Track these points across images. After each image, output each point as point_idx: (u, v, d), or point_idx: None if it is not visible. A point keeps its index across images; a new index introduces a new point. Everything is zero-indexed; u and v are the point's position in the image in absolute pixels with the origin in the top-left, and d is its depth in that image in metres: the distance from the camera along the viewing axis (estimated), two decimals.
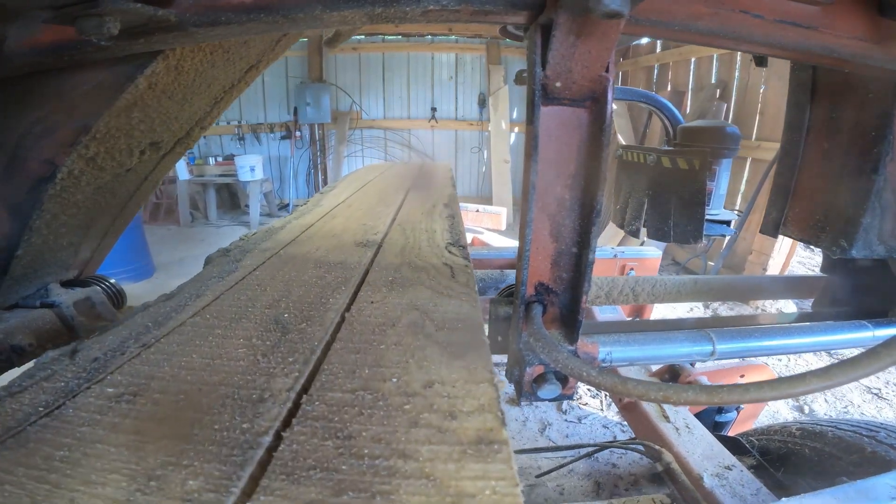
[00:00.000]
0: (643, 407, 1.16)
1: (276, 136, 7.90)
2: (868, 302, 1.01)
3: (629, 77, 6.53)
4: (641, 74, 6.29)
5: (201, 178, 6.99)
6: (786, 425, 1.24)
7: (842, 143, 0.90)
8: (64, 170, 0.73)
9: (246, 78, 0.95)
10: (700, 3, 0.58)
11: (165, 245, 5.75)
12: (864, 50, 0.65)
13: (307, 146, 7.93)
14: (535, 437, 2.36)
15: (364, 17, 0.56)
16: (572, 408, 2.57)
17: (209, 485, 0.33)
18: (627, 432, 2.32)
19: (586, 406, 2.62)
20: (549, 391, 0.71)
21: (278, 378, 0.46)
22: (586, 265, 0.63)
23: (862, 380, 2.85)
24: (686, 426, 1.08)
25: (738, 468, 0.94)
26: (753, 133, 4.44)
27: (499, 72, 7.44)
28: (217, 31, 0.57)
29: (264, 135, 7.89)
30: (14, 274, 0.79)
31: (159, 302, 0.68)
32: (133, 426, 0.40)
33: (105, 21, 0.49)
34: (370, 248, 0.92)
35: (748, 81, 4.48)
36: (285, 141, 7.86)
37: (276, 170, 8.04)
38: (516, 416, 2.49)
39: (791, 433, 1.18)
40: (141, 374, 0.48)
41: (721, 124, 1.75)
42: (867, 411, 2.63)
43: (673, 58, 5.53)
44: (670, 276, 1.21)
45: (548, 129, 0.59)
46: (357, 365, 0.49)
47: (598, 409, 2.58)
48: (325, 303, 0.65)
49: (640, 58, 6.21)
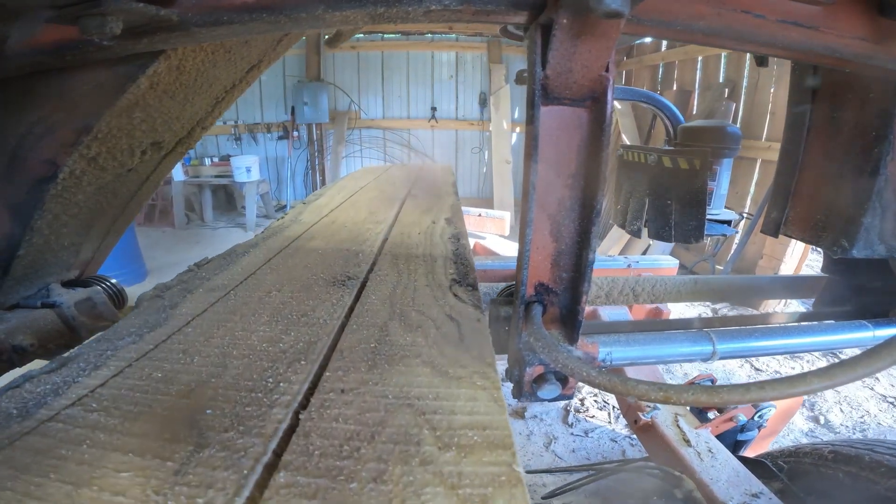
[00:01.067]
0: (661, 430, 1.11)
1: (273, 136, 7.79)
2: (869, 302, 1.01)
3: (633, 76, 6.40)
4: (646, 73, 6.18)
5: (197, 179, 6.90)
6: (816, 447, 1.15)
7: (842, 142, 0.90)
8: (65, 170, 0.73)
9: (247, 78, 0.95)
10: (702, 3, 0.58)
11: (159, 248, 5.68)
12: (865, 50, 0.65)
13: (305, 146, 7.81)
14: (540, 452, 2.27)
15: (366, 16, 0.56)
16: (578, 420, 2.48)
17: None
18: (637, 446, 2.26)
19: (593, 419, 2.51)
20: (549, 391, 0.71)
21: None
22: (586, 265, 0.63)
23: (879, 390, 2.81)
24: (709, 450, 1.01)
25: (767, 495, 0.89)
26: (763, 133, 4.35)
27: (500, 70, 7.33)
28: (219, 30, 0.57)
29: (261, 135, 7.77)
30: (15, 274, 0.80)
31: (45, 372, 0.48)
32: None
33: (107, 20, 0.49)
34: (349, 290, 0.71)
35: (758, 81, 4.39)
36: (282, 141, 7.73)
37: (273, 171, 7.93)
38: (520, 429, 2.42)
39: (822, 456, 1.09)
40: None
41: (722, 124, 1.75)
42: (884, 421, 2.55)
43: (679, 56, 5.42)
44: (671, 276, 1.21)
45: (548, 129, 0.59)
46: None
47: (605, 422, 2.48)
48: (273, 389, 0.44)
49: (645, 56, 6.09)
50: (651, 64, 6.02)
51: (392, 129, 7.87)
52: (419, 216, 1.27)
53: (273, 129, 7.76)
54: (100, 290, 0.93)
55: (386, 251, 0.94)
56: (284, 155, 7.78)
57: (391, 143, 7.92)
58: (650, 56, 6.00)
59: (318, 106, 7.23)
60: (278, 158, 7.91)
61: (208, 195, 7.07)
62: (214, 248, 1.11)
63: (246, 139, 7.73)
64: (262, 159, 7.58)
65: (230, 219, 7.35)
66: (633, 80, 6.39)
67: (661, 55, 5.78)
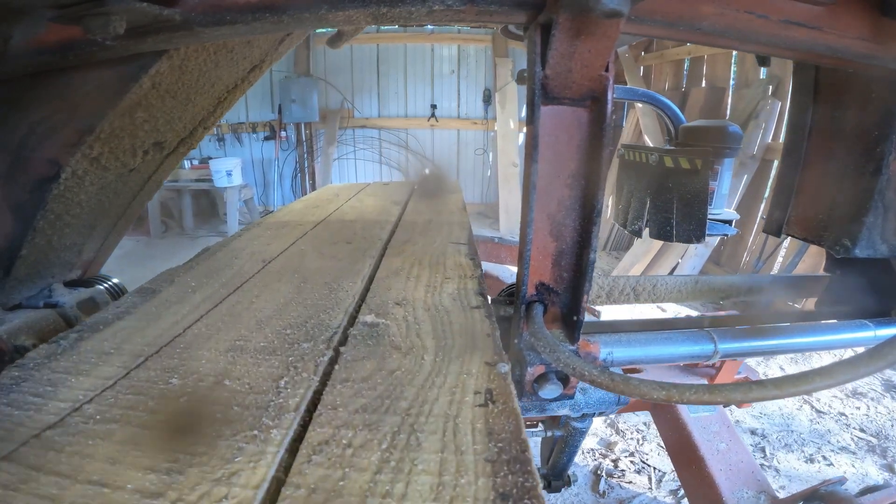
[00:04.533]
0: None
1: (258, 136, 7.07)
2: (870, 301, 1.01)
3: (653, 72, 5.65)
4: (668, 69, 5.40)
5: (175, 184, 6.22)
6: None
7: (844, 142, 0.90)
8: (68, 170, 0.73)
9: (249, 78, 0.96)
10: (706, 3, 0.58)
11: (131, 260, 4.94)
12: (867, 50, 0.65)
13: (293, 148, 7.14)
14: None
15: (369, 16, 0.56)
16: (612, 487, 2.04)
17: None
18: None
19: (630, 485, 2.05)
20: (550, 391, 0.71)
21: None
22: (587, 265, 0.63)
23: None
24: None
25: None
26: None
27: (506, 65, 6.55)
28: (222, 30, 0.57)
29: (246, 135, 7.04)
30: (17, 274, 0.80)
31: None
32: None
33: (111, 20, 0.50)
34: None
35: None
36: (269, 142, 7.07)
37: (259, 174, 7.24)
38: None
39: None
40: None
41: (723, 124, 1.75)
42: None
43: (708, 50, 4.66)
44: (671, 276, 1.21)
45: (548, 129, 0.59)
46: None
47: (645, 488, 2.04)
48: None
49: (667, 51, 5.29)
50: (675, 59, 5.22)
51: (388, 128, 7.19)
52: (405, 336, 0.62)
53: (259, 128, 7.04)
54: (102, 290, 0.93)
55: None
56: (271, 157, 7.13)
57: (387, 144, 7.26)
58: (673, 50, 5.21)
59: (307, 103, 6.56)
60: (265, 160, 7.21)
61: (188, 201, 6.40)
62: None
63: (229, 140, 7.02)
64: (248, 161, 6.97)
65: (212, 227, 6.65)
66: (653, 76, 5.64)
67: (686, 49, 5.01)
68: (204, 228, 6.60)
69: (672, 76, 5.40)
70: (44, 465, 0.38)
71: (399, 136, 7.24)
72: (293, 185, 7.33)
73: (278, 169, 7.18)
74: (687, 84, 5.14)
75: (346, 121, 7.13)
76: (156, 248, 5.67)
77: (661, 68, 5.60)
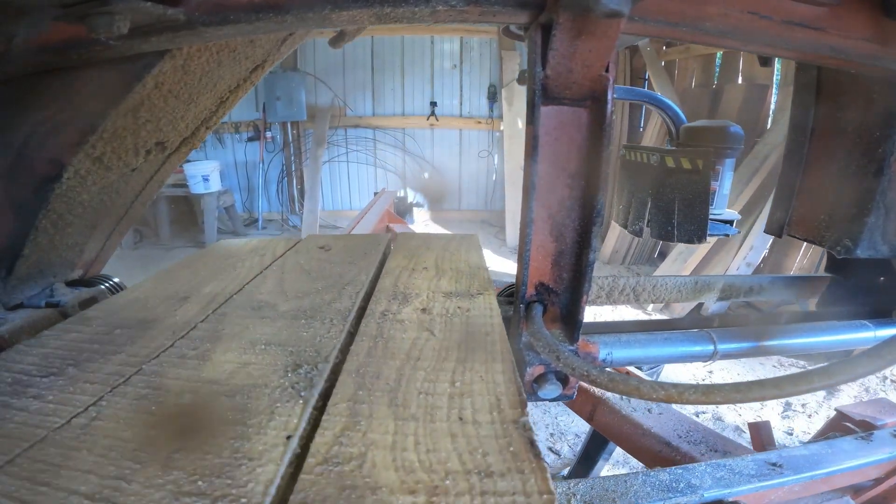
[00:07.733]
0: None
1: (242, 137, 6.48)
2: (871, 302, 1.01)
3: (676, 68, 5.09)
4: (695, 65, 4.86)
5: None
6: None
7: (846, 143, 0.90)
8: (70, 169, 0.74)
9: (251, 77, 0.96)
10: (709, 4, 0.58)
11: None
12: (870, 51, 0.65)
13: (280, 149, 6.56)
14: None
15: (372, 16, 0.57)
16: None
17: None
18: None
19: None
20: (549, 391, 0.71)
21: None
22: (587, 265, 0.63)
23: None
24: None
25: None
26: None
27: (513, 59, 5.87)
28: (225, 30, 0.58)
29: (228, 136, 6.46)
30: (19, 274, 0.80)
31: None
32: None
33: (115, 19, 0.50)
34: None
35: None
36: (253, 143, 6.47)
37: (243, 178, 6.61)
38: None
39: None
40: None
41: (724, 124, 1.74)
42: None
43: None
44: (671, 276, 1.21)
45: (548, 129, 0.59)
46: None
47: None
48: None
49: (694, 45, 4.66)
50: (703, 53, 4.69)
51: (384, 128, 6.56)
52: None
53: (242, 128, 6.43)
54: (104, 290, 0.93)
55: None
56: (256, 159, 6.51)
57: (383, 145, 6.64)
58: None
59: (293, 101, 6.01)
60: (248, 163, 6.57)
61: (163, 208, 5.78)
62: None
63: (210, 141, 6.37)
64: (230, 165, 6.42)
65: (190, 236, 6.06)
66: (676, 72, 5.07)
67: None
68: (181, 238, 6.02)
69: (700, 72, 4.82)
70: None
71: (396, 136, 6.63)
72: (279, 189, 6.76)
73: (263, 173, 6.55)
74: (719, 81, 4.54)
75: (337, 120, 6.46)
76: (127, 260, 4.94)
77: (685, 64, 5.05)
